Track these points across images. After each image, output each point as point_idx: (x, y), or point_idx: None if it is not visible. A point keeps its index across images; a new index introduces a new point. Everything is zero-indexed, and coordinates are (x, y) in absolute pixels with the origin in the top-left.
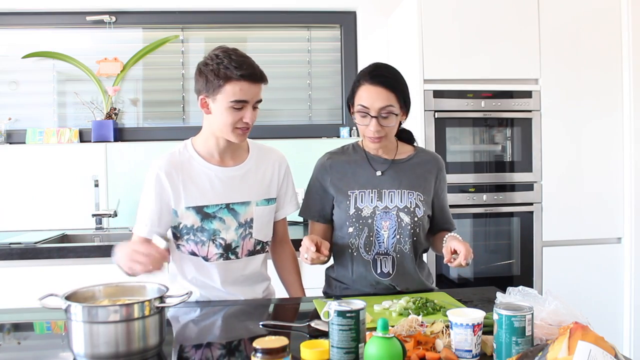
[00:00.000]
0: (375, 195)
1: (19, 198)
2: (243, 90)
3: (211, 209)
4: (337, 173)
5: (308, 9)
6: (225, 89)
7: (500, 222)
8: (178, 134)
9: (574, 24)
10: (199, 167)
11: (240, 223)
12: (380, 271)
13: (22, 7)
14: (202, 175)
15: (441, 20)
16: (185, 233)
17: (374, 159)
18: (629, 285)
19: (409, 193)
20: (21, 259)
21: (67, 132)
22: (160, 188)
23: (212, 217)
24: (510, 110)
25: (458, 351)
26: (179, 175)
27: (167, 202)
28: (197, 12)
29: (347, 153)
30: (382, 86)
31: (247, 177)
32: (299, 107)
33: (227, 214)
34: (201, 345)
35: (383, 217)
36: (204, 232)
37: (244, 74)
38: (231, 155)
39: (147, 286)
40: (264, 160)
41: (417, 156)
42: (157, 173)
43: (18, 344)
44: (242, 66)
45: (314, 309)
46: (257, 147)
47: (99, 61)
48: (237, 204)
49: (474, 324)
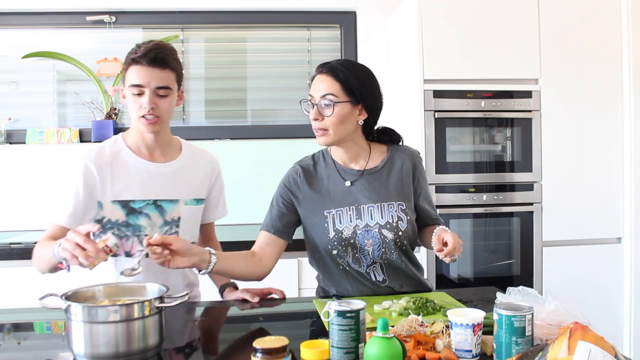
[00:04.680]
0: (354, 213)
1: (19, 198)
2: (137, 74)
3: (138, 204)
4: (309, 191)
5: (308, 9)
6: (127, 75)
7: (500, 222)
8: (178, 134)
9: (574, 24)
10: (128, 160)
11: (166, 221)
12: (375, 280)
13: (22, 7)
14: (131, 169)
15: (441, 20)
16: (109, 228)
17: (344, 170)
18: (629, 285)
19: (388, 205)
20: (21, 259)
21: (67, 132)
22: (86, 178)
23: (137, 213)
24: (510, 110)
25: (458, 351)
26: (108, 167)
27: (92, 193)
28: (197, 12)
29: (318, 164)
30: (326, 74)
31: (177, 175)
32: (299, 107)
33: (154, 211)
34: (192, 346)
35: (365, 235)
36: (128, 228)
37: (137, 57)
38: (161, 152)
39: (147, 286)
40: (196, 161)
41: (390, 160)
42: (86, 162)
43: (18, 344)
44: (141, 50)
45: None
46: (190, 147)
47: (98, 61)
48: (165, 201)
49: (474, 324)
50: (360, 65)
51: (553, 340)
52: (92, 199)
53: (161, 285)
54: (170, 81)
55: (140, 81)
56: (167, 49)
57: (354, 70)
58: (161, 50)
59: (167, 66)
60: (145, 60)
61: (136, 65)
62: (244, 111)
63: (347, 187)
